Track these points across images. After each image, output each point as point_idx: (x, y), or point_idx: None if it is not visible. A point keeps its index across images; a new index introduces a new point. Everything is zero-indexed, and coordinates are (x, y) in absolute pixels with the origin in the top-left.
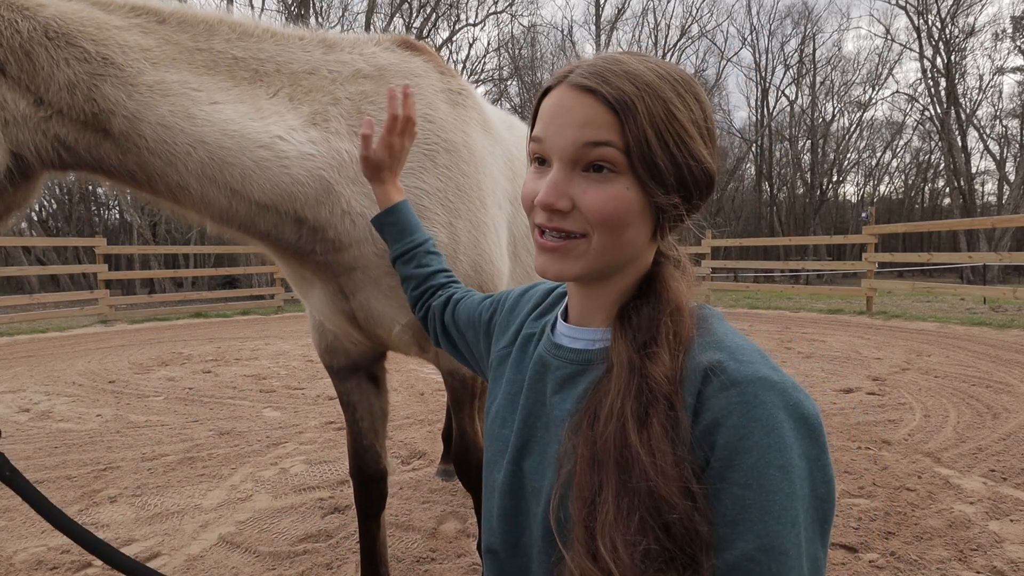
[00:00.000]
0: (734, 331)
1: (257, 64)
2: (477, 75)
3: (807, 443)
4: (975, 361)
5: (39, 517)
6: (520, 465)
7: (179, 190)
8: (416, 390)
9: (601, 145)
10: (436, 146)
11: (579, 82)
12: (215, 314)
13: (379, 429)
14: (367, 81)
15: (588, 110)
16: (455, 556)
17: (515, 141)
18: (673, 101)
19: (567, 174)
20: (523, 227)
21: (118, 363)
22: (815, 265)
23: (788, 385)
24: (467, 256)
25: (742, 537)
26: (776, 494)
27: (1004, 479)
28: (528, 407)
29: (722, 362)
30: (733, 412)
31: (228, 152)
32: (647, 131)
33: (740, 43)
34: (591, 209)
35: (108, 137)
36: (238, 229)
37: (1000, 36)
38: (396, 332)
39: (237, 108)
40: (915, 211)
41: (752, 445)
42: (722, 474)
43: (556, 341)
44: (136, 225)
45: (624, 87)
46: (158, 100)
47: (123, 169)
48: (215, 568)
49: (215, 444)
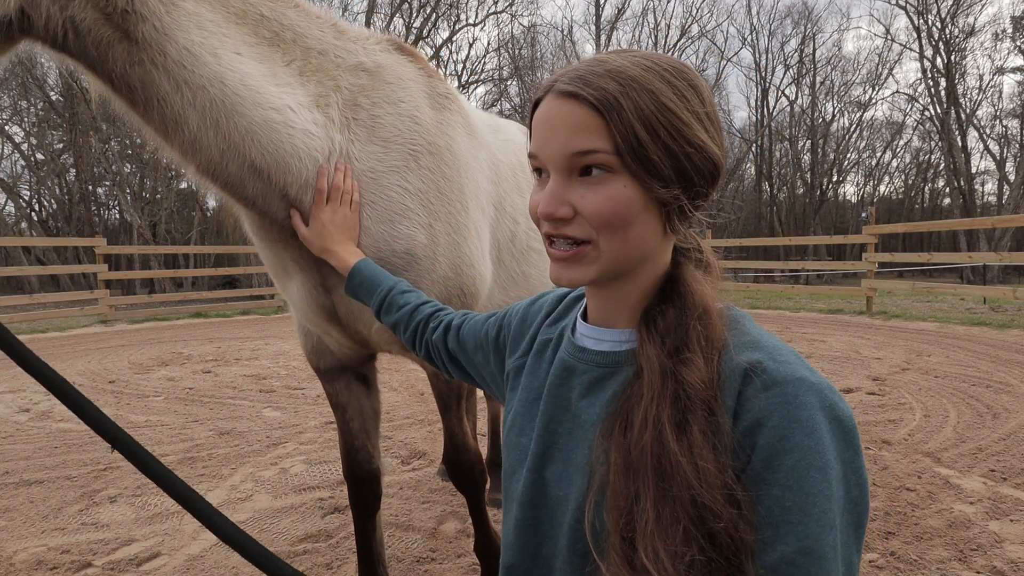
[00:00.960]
0: (765, 331)
1: (279, 28)
2: (477, 75)
3: (842, 445)
4: (975, 361)
5: (39, 517)
6: (541, 473)
7: (174, 123)
8: (416, 390)
9: (588, 153)
10: (420, 148)
11: (562, 89)
12: (215, 314)
13: (371, 429)
14: (365, 75)
15: (573, 116)
16: (455, 556)
17: (500, 145)
18: (663, 91)
19: (564, 181)
20: (507, 231)
21: (118, 363)
22: (815, 265)
23: (824, 387)
24: (446, 258)
25: (782, 540)
26: (816, 496)
27: (1004, 479)
28: (549, 413)
29: (761, 362)
30: (774, 413)
31: (241, 101)
32: (635, 126)
33: (740, 43)
34: (591, 213)
35: (125, 40)
36: (223, 187)
37: (1000, 36)
38: (376, 328)
39: (257, 66)
40: (915, 211)
41: (792, 446)
42: (762, 475)
43: (579, 344)
44: (136, 225)
45: (606, 86)
46: (192, 28)
47: (123, 80)
48: (215, 568)
49: (215, 444)
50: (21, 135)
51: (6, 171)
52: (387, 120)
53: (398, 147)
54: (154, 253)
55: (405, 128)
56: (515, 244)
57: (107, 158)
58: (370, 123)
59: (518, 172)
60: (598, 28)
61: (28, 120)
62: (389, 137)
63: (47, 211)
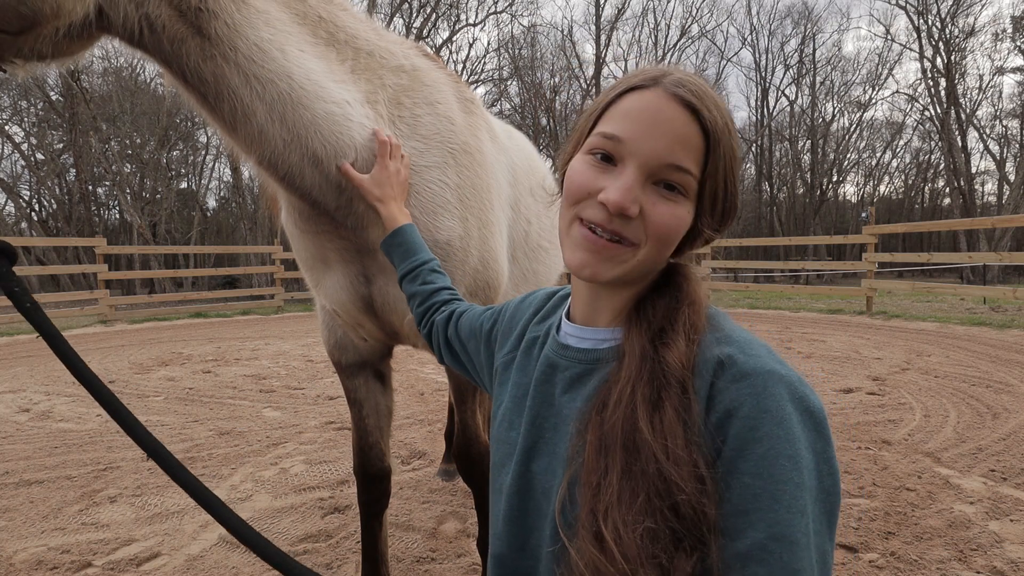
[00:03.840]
0: (740, 327)
1: (334, 29)
2: (477, 75)
3: (813, 436)
4: (975, 361)
5: (39, 517)
6: (529, 467)
7: (243, 116)
8: (416, 390)
9: (683, 171)
10: (457, 147)
11: (680, 94)
12: (215, 314)
13: (384, 427)
14: (405, 75)
15: (685, 129)
16: (455, 556)
17: (515, 149)
18: (736, 138)
19: (641, 181)
20: (522, 231)
21: (118, 363)
22: (815, 265)
23: (794, 379)
24: (477, 251)
25: (753, 526)
26: (786, 483)
27: (1004, 479)
28: (535, 408)
29: (732, 355)
30: (744, 403)
31: (306, 95)
32: (720, 165)
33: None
34: (657, 224)
35: (198, 36)
36: (281, 179)
37: (1000, 36)
38: (408, 319)
39: (317, 63)
40: (915, 211)
41: (762, 435)
42: (733, 464)
43: (563, 342)
44: (136, 225)
45: (716, 117)
46: (261, 25)
47: (196, 75)
48: (215, 568)
49: (215, 444)
50: (21, 135)
51: (6, 171)
52: (426, 120)
53: (437, 145)
54: (154, 253)
55: (443, 128)
56: (528, 243)
57: (107, 158)
58: (412, 121)
59: (530, 175)
60: (598, 28)
61: (28, 120)
62: (428, 135)
63: (47, 211)
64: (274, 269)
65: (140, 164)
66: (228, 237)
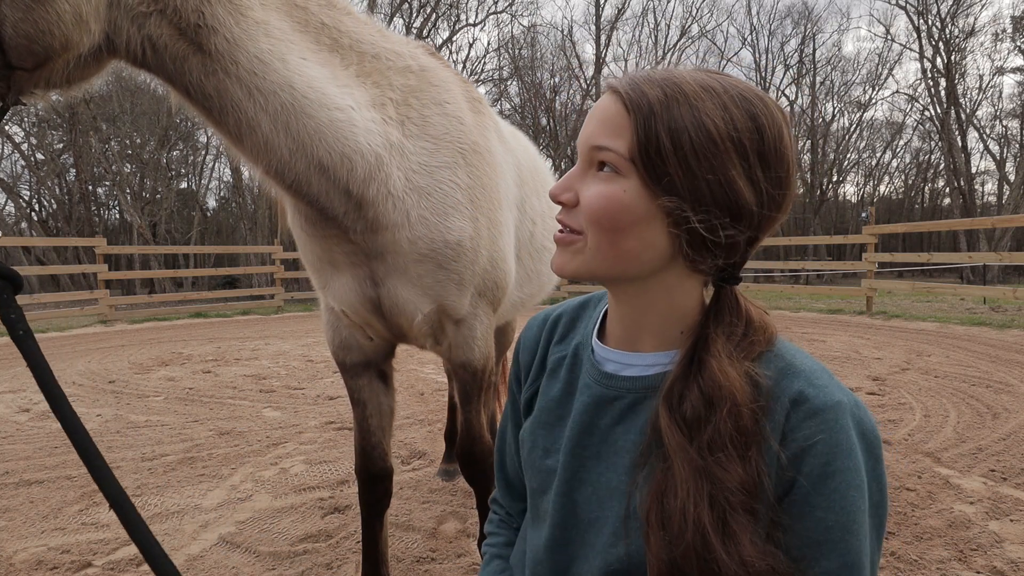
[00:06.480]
0: (798, 350)
1: (337, 35)
2: (477, 75)
3: (867, 457)
4: (975, 361)
5: (39, 517)
6: (572, 496)
7: (248, 128)
8: (416, 390)
9: (603, 149)
10: (467, 147)
11: (611, 84)
12: (215, 314)
13: (386, 427)
14: (413, 77)
15: (608, 112)
16: (455, 556)
17: (521, 150)
18: (709, 111)
19: (583, 171)
20: (527, 232)
21: (118, 363)
22: (815, 265)
23: (854, 405)
24: (487, 251)
25: (826, 556)
26: (857, 514)
27: (1004, 479)
28: (574, 439)
29: (803, 392)
30: (819, 440)
31: (309, 103)
32: (661, 135)
33: (740, 43)
34: (584, 205)
35: (199, 53)
36: (288, 187)
37: (1000, 36)
38: (417, 322)
39: (320, 70)
40: (915, 211)
41: (835, 470)
42: (807, 499)
43: (603, 369)
44: (136, 225)
45: (650, 92)
46: (261, 36)
47: (200, 91)
48: (215, 568)
49: (215, 444)
50: (21, 135)
51: (6, 171)
52: (435, 120)
53: (447, 145)
54: (154, 253)
55: (452, 128)
56: (532, 243)
57: (107, 158)
58: (420, 122)
59: (535, 176)
60: (598, 28)
61: (28, 120)
62: (438, 135)
63: (47, 211)
64: (274, 269)
65: (140, 164)
66: (228, 237)
